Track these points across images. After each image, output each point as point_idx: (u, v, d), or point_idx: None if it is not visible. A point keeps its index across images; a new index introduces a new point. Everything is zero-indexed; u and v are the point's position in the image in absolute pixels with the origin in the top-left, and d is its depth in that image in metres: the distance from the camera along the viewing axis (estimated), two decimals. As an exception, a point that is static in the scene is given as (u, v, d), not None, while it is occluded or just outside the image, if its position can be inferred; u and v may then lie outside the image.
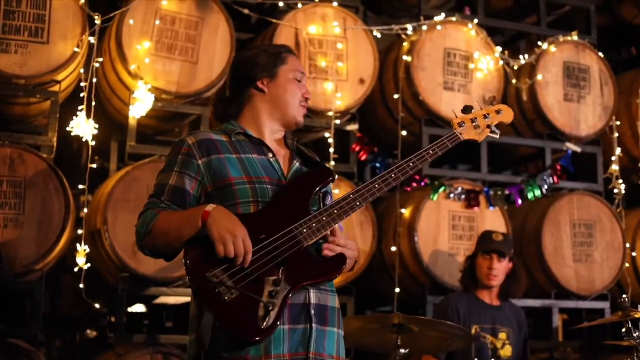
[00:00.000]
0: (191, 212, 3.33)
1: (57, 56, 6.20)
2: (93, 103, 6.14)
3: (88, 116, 6.13)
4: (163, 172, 3.50)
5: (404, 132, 7.21)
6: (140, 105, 6.30)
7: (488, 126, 3.76)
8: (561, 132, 7.72)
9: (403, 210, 7.13)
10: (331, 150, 6.85)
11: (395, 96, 7.28)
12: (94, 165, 6.24)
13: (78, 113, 6.13)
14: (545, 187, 7.58)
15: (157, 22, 6.48)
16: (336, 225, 3.38)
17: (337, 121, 7.01)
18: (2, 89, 6.17)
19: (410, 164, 3.56)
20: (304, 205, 3.40)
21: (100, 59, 6.40)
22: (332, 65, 7.00)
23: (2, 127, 6.54)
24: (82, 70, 6.36)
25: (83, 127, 6.10)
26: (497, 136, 3.81)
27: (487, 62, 7.48)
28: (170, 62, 6.52)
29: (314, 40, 7.02)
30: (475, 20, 7.60)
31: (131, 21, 6.41)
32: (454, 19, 7.53)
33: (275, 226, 3.31)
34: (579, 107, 7.84)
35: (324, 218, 3.34)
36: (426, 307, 6.93)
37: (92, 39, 6.29)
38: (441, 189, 7.11)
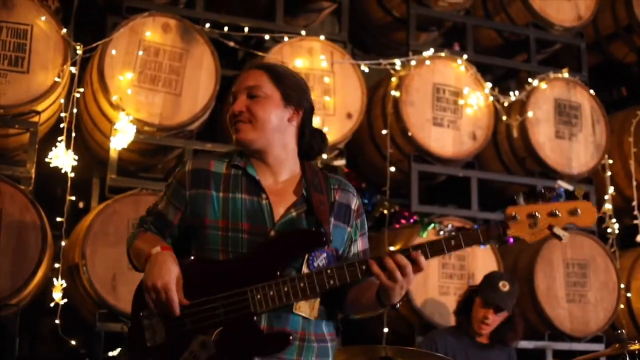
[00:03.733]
0: (148, 246, 3.23)
1: (37, 86, 6.06)
2: (73, 134, 6.02)
3: (68, 147, 5.99)
4: (163, 191, 3.41)
5: (392, 169, 7.07)
6: (121, 136, 6.16)
7: (550, 227, 3.12)
8: (553, 170, 7.59)
9: (392, 248, 6.95)
10: (318, 185, 6.69)
11: (384, 132, 7.16)
12: (73, 198, 6.07)
13: (58, 144, 5.99)
14: (537, 225, 7.41)
15: (141, 52, 6.35)
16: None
17: (324, 156, 6.86)
18: (-20, 119, 6.04)
19: (428, 252, 3.08)
20: (275, 266, 3.09)
21: (82, 90, 6.26)
22: (319, 100, 6.86)
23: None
24: (62, 101, 6.21)
25: (62, 158, 5.96)
26: (564, 240, 3.16)
27: (477, 98, 7.37)
28: (154, 94, 6.38)
29: (301, 74, 6.86)
30: (465, 56, 7.50)
31: (114, 52, 6.28)
32: (443, 54, 7.43)
33: (233, 282, 3.08)
34: (571, 145, 7.72)
35: (286, 289, 3.05)
36: (415, 347, 6.74)
37: (73, 69, 6.16)
38: (431, 226, 6.95)
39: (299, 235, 3.17)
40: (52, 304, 5.78)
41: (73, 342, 6.04)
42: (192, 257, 3.23)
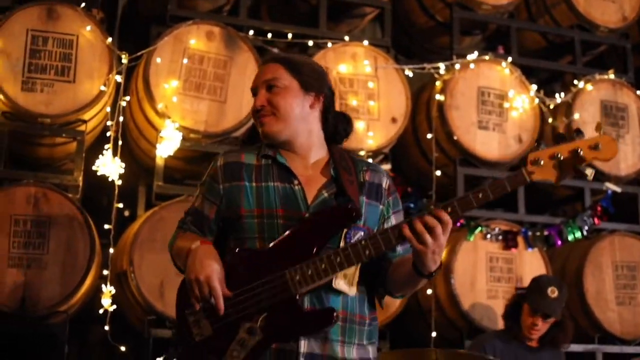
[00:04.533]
0: (188, 243, 3.30)
1: (83, 95, 6.14)
2: (120, 142, 6.06)
3: (114, 155, 6.04)
4: (198, 189, 3.47)
5: (438, 173, 7.03)
6: (167, 144, 6.19)
7: (574, 165, 3.09)
8: (600, 172, 7.50)
9: (439, 252, 6.91)
10: (364, 190, 6.68)
11: (429, 136, 7.12)
12: (121, 205, 6.10)
13: (104, 152, 6.03)
14: (586, 228, 7.35)
15: (185, 60, 6.38)
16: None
17: (370, 160, 6.84)
18: (28, 128, 6.12)
19: (457, 208, 3.06)
20: (311, 246, 3.11)
21: (127, 98, 6.31)
22: (363, 104, 6.87)
23: (28, 169, 6.46)
24: (108, 110, 6.27)
25: (109, 166, 6.02)
26: (589, 177, 3.11)
27: (522, 101, 7.31)
28: (199, 102, 6.41)
29: (345, 79, 6.90)
30: (509, 59, 7.45)
31: (159, 60, 6.32)
32: (487, 57, 7.38)
33: (271, 268, 3.12)
34: (619, 147, 7.61)
35: (323, 265, 3.06)
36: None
37: (119, 78, 6.21)
38: (478, 230, 6.91)
39: (330, 213, 3.19)
40: (100, 311, 5.82)
41: (122, 349, 6.07)
42: (231, 249, 3.27)
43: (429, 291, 6.78)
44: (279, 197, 3.23)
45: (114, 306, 5.81)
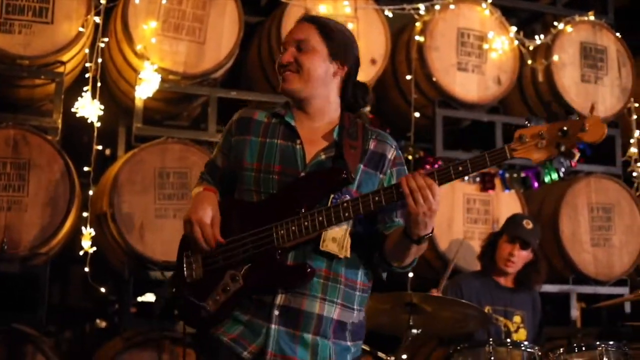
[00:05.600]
0: (195, 190, 3.53)
1: (61, 36, 6.10)
2: (99, 84, 6.05)
3: (93, 97, 6.03)
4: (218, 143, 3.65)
5: (417, 114, 7.06)
6: (146, 85, 6.18)
7: (557, 145, 3.06)
8: (578, 114, 7.52)
9: (416, 193, 6.96)
10: (342, 131, 6.70)
11: (408, 77, 7.13)
12: (100, 147, 6.10)
13: (83, 94, 6.02)
14: (562, 170, 7.36)
15: (164, 1, 6.33)
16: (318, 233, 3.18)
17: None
18: (6, 70, 6.09)
19: (436, 178, 3.09)
20: (300, 204, 3.21)
21: (106, 40, 6.27)
22: (342, 46, 6.84)
23: (7, 111, 6.44)
24: (87, 51, 6.23)
25: (88, 108, 6.00)
26: (574, 160, 3.10)
27: (502, 43, 7.32)
28: (177, 43, 6.38)
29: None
30: (490, 0, 7.43)
31: (137, 1, 6.27)
32: (468, -2, 7.37)
33: (262, 220, 3.23)
34: (597, 89, 7.68)
35: (306, 223, 3.16)
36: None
37: (97, 19, 6.17)
38: (455, 171, 6.95)
39: (321, 175, 3.27)
40: (81, 253, 5.85)
41: (103, 290, 6.13)
42: (226, 199, 3.43)
43: (406, 232, 6.83)
44: (279, 154, 3.33)
45: (94, 248, 5.84)
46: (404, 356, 4.95)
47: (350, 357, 3.34)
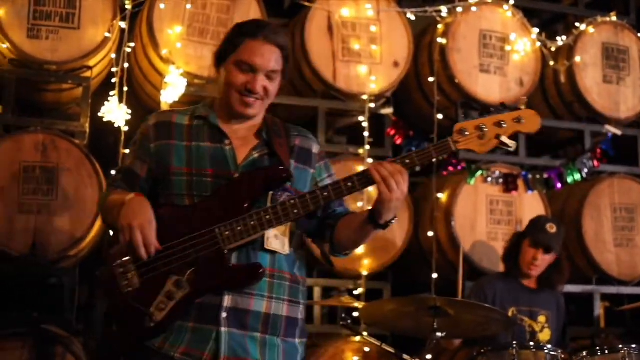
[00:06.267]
0: (121, 197, 3.31)
1: (88, 42, 6.19)
2: (125, 88, 6.12)
3: (120, 101, 6.09)
4: (130, 149, 3.53)
5: (439, 116, 7.08)
6: (172, 90, 6.24)
7: (497, 136, 3.22)
8: (601, 115, 7.56)
9: (440, 195, 7.02)
10: (366, 134, 6.76)
11: (431, 79, 7.16)
12: (127, 151, 6.16)
13: (110, 99, 6.10)
14: (585, 170, 7.43)
15: (189, 6, 6.40)
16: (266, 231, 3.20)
17: (372, 105, 6.90)
18: (34, 75, 6.19)
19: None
20: (242, 204, 3.19)
21: (132, 44, 6.35)
22: (365, 49, 6.90)
23: (35, 115, 6.53)
24: (113, 56, 6.32)
25: (115, 112, 6.07)
26: (511, 148, 3.27)
27: (524, 44, 7.34)
28: (202, 47, 6.44)
29: (347, 23, 6.92)
30: (512, 2, 7.44)
31: (162, 6, 6.34)
32: (489, 0, 7.38)
33: (201, 223, 3.19)
34: (619, 89, 7.68)
35: (252, 222, 3.15)
36: (464, 293, 6.81)
37: (123, 24, 6.25)
38: (478, 173, 7.00)
39: (261, 173, 3.27)
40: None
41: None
42: (160, 205, 3.32)
43: (430, 233, 6.89)
44: (209, 156, 3.31)
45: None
46: (429, 356, 4.99)
47: (300, 355, 3.39)
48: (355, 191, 3.23)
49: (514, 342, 4.94)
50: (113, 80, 6.18)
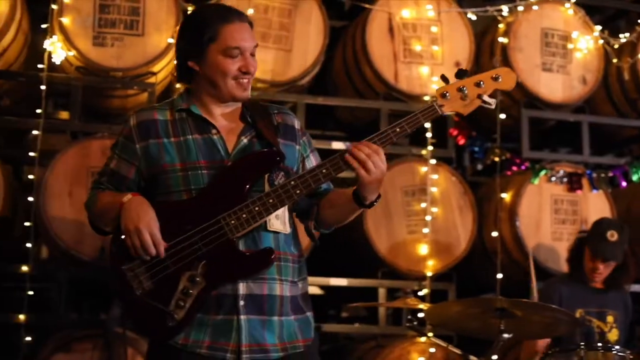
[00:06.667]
0: (115, 198, 3.28)
1: (152, 48, 6.28)
2: (189, 93, 6.17)
3: (185, 107, 6.15)
4: (110, 151, 3.46)
5: (502, 116, 7.05)
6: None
7: (479, 96, 3.32)
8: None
9: (504, 195, 6.99)
10: (428, 135, 6.76)
11: (493, 79, 7.12)
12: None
13: (175, 103, 6.16)
14: (653, 168, 7.35)
15: (251, 11, 6.45)
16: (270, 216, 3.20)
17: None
18: (101, 82, 6.30)
19: (377, 142, 3.19)
20: (241, 191, 3.19)
21: (195, 50, 6.41)
22: (427, 49, 6.91)
23: (100, 120, 6.64)
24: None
25: (180, 117, 6.12)
26: (492, 106, 3.36)
27: (586, 42, 7.29)
28: (265, 51, 6.50)
29: (408, 25, 6.93)
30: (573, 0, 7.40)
31: (224, 11, 6.39)
32: (550, -2, 7.35)
33: (204, 215, 3.18)
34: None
35: (257, 208, 3.14)
36: (529, 293, 6.77)
37: (186, 30, 6.31)
38: (542, 173, 6.96)
39: (254, 158, 3.27)
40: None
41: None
42: (158, 202, 3.27)
43: (495, 233, 6.87)
44: (199, 148, 3.28)
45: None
46: (495, 357, 4.97)
47: (312, 326, 3.40)
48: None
49: (582, 343, 4.91)
50: (177, 86, 6.25)
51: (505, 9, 7.23)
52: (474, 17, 7.17)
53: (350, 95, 7.08)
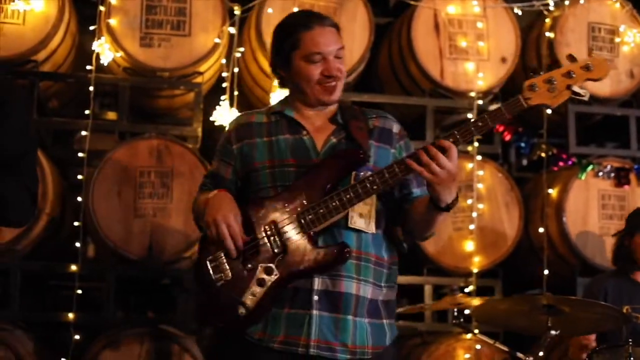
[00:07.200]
0: (206, 196, 3.42)
1: (199, 48, 6.35)
2: (235, 93, 6.24)
3: (231, 105, 6.23)
4: (214, 154, 3.61)
5: (549, 111, 7.02)
6: (281, 93, 6.32)
7: (568, 87, 3.18)
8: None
9: (550, 191, 6.96)
10: (474, 131, 6.73)
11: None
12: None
13: (221, 103, 6.23)
14: (699, 163, 7.27)
15: (296, 9, 6.48)
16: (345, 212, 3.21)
17: (480, 102, 6.88)
18: (148, 82, 6.39)
19: (458, 137, 3.17)
20: (323, 188, 3.24)
21: (242, 49, 6.47)
22: (472, 45, 6.89)
23: (148, 120, 6.73)
24: (223, 61, 6.46)
25: (226, 116, 6.19)
26: (585, 97, 3.20)
27: (633, 36, 7.21)
28: (311, 49, 6.51)
29: (454, 21, 6.92)
30: (620, -7, 7.34)
31: (270, 10, 6.45)
32: (597, -8, 7.29)
33: (285, 211, 3.26)
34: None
35: (334, 203, 3.18)
36: (576, 289, 6.75)
37: (232, 30, 6.38)
38: (589, 168, 6.92)
39: (339, 156, 3.31)
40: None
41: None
42: (244, 201, 3.38)
43: (541, 229, 6.85)
44: (289, 148, 3.36)
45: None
46: (541, 353, 4.96)
47: (388, 336, 3.38)
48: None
49: (630, 340, 4.88)
50: (223, 85, 6.32)
51: (551, 3, 7.17)
52: (519, 12, 7.14)
53: (396, 92, 7.09)
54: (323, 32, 3.39)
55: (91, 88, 6.16)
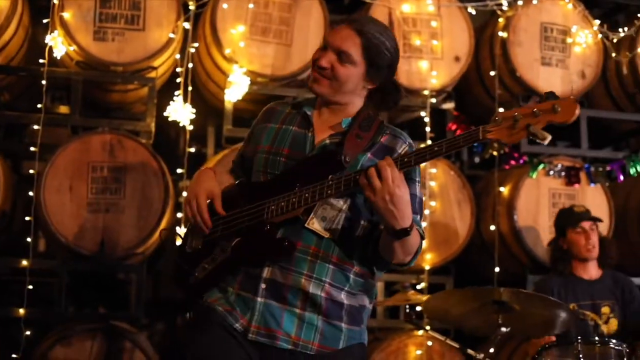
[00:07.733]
0: None
1: (153, 43, 6.32)
2: (190, 88, 6.22)
3: (185, 101, 6.20)
4: None
5: (501, 110, 7.06)
6: (236, 89, 6.35)
7: (527, 126, 2.96)
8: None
9: (502, 189, 7.03)
10: (427, 129, 6.79)
11: (492, 73, 7.16)
12: (192, 150, 6.31)
13: (175, 98, 6.20)
14: (648, 162, 7.37)
15: (251, 5, 6.49)
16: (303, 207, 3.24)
17: (433, 100, 6.93)
18: (101, 76, 6.34)
19: (405, 159, 3.08)
20: (294, 184, 3.26)
21: (196, 45, 6.45)
22: (426, 44, 6.93)
23: (101, 115, 6.69)
24: (178, 56, 6.43)
25: (180, 112, 6.17)
26: (544, 142, 2.98)
27: (585, 36, 7.29)
28: (265, 46, 6.53)
29: (408, 19, 6.95)
30: (572, -7, 7.42)
31: (225, 5, 6.44)
32: (550, -8, 7.36)
33: (259, 197, 3.33)
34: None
35: (294, 199, 3.22)
36: (526, 287, 6.81)
37: (187, 25, 6.35)
38: (540, 166, 7.00)
39: (316, 157, 3.33)
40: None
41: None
42: (240, 181, 3.57)
43: (492, 227, 6.91)
44: (290, 139, 3.40)
45: (188, 247, 6.02)
46: (491, 350, 5.00)
47: (343, 340, 3.33)
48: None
49: (579, 337, 4.92)
50: (177, 80, 6.28)
51: (504, 3, 7.21)
52: (473, 12, 7.18)
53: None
54: (340, 27, 3.37)
55: (44, 82, 6.08)
